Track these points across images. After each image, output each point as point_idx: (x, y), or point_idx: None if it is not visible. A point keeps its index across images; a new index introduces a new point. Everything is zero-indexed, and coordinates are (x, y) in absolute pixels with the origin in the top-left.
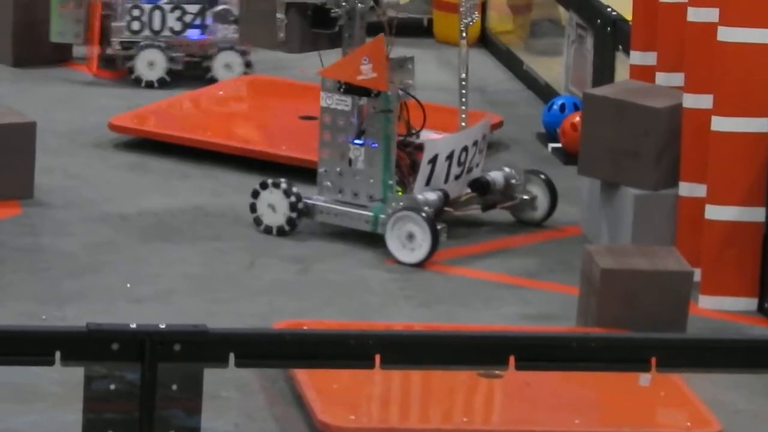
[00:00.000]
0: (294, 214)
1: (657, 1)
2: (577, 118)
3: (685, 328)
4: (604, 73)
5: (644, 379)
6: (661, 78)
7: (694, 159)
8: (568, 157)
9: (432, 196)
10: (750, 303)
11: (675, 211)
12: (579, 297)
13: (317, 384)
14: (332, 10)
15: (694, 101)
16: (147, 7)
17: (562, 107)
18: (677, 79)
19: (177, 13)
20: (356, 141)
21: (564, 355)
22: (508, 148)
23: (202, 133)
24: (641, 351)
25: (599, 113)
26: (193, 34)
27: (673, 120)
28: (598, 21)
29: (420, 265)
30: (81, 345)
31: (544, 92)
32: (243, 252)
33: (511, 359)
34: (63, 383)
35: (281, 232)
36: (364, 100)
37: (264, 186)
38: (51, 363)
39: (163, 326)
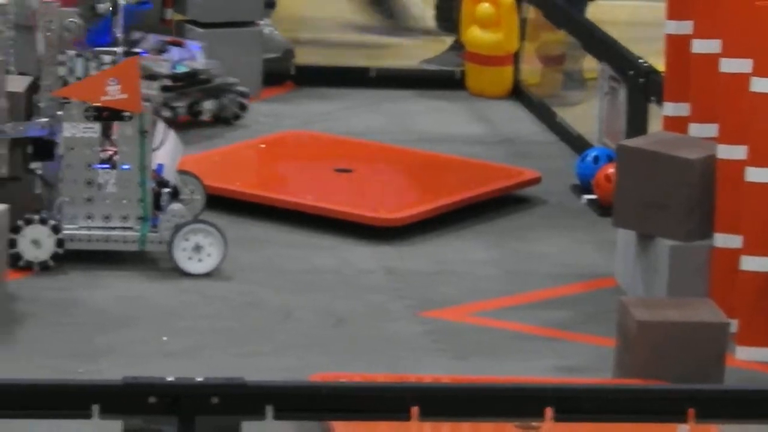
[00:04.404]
0: (60, 250)
1: (689, 52)
2: (611, 170)
3: (722, 380)
4: (637, 124)
5: (682, 431)
6: (695, 129)
7: (728, 210)
8: (602, 208)
9: (177, 205)
10: None
11: (710, 262)
12: (614, 349)
13: None
14: None
15: (727, 152)
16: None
17: (596, 159)
18: (711, 130)
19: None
20: (104, 166)
21: (601, 407)
22: (545, 203)
23: (230, 183)
24: (678, 402)
25: (633, 165)
26: None
27: (706, 171)
28: (631, 72)
29: (210, 273)
30: (118, 398)
31: (578, 144)
32: (276, 305)
33: (548, 411)
34: None
35: (44, 267)
36: (114, 123)
37: (29, 221)
38: (88, 416)
39: (200, 379)
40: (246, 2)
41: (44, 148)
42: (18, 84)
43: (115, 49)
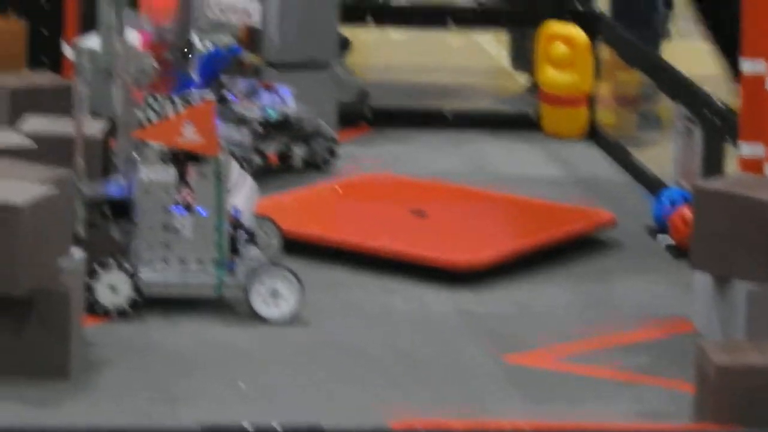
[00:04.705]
0: (137, 296)
1: (765, 92)
2: (687, 211)
3: None
4: (712, 165)
5: None
6: None
7: None
8: (678, 250)
9: (253, 249)
10: None
11: None
12: (694, 394)
13: None
14: None
15: None
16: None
17: (672, 200)
18: None
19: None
20: (181, 210)
21: None
22: (621, 244)
23: (305, 227)
24: None
25: (709, 206)
26: None
27: None
28: (706, 113)
29: (289, 321)
30: None
31: (653, 185)
32: (353, 348)
33: None
34: None
35: (121, 313)
36: (190, 167)
37: (104, 265)
38: None
39: (277, 426)
40: (321, 45)
41: (121, 208)
42: (94, 128)
43: (204, 92)
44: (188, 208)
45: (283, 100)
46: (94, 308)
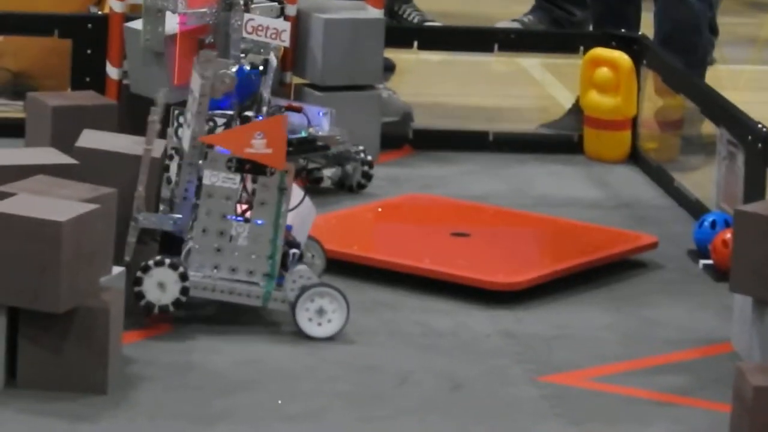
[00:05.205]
0: (183, 297)
1: None
2: (729, 235)
3: None
4: (755, 189)
5: None
6: None
7: None
8: (719, 273)
9: (303, 266)
10: None
11: None
12: (731, 415)
13: None
14: None
15: None
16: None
17: (713, 224)
18: None
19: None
20: (239, 218)
21: None
22: (662, 267)
23: (348, 247)
24: None
25: (751, 230)
26: None
27: None
28: (749, 137)
29: (332, 338)
30: None
31: (695, 209)
32: (394, 368)
33: None
34: None
35: (163, 311)
36: (256, 178)
37: (159, 263)
38: None
39: None
40: (365, 66)
41: (172, 242)
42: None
43: (229, 112)
44: (246, 217)
45: (310, 121)
46: (140, 302)
